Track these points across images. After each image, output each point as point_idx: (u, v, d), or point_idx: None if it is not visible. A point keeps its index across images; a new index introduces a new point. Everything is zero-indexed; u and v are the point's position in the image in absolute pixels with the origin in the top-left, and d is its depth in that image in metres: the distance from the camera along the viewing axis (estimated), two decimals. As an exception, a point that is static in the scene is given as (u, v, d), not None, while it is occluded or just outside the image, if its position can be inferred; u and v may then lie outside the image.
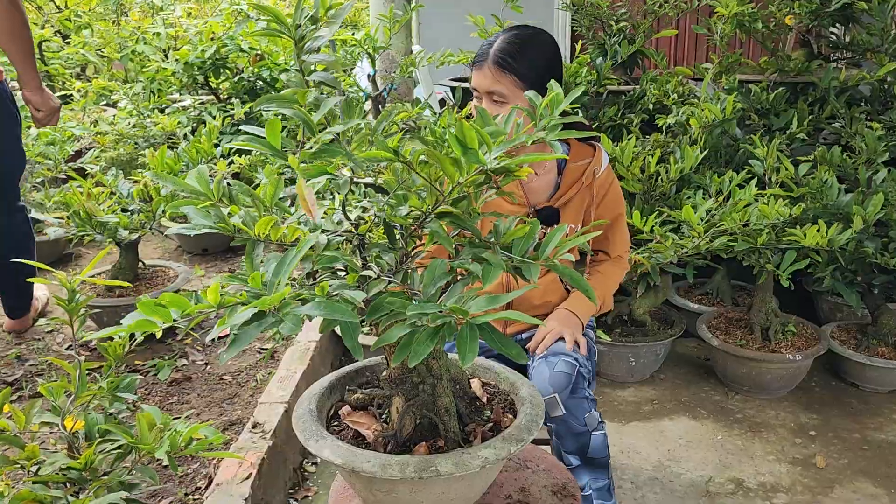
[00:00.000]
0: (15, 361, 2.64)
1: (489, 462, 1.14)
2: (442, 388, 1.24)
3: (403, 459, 1.13)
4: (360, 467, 1.12)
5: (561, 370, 1.57)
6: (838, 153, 2.68)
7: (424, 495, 1.19)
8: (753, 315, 2.67)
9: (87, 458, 1.38)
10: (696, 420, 2.48)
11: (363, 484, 1.21)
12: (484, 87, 1.66)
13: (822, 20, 3.13)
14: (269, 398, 2.21)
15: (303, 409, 1.28)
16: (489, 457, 1.14)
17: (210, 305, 0.96)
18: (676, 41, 5.83)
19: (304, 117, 1.00)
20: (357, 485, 1.24)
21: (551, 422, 1.59)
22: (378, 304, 1.02)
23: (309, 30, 1.05)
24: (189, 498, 1.90)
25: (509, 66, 1.62)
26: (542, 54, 1.68)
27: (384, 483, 1.16)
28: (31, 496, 1.29)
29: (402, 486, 1.16)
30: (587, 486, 1.61)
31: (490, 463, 1.14)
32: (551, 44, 1.72)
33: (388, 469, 1.11)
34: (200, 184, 1.08)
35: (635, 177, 2.66)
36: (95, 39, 5.06)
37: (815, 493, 2.09)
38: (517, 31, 1.69)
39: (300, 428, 1.24)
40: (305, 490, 2.13)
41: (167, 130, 4.11)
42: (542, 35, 1.72)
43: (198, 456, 1.51)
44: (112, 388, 1.56)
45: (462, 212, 1.10)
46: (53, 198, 3.36)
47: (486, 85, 1.65)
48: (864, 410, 2.54)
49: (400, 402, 1.24)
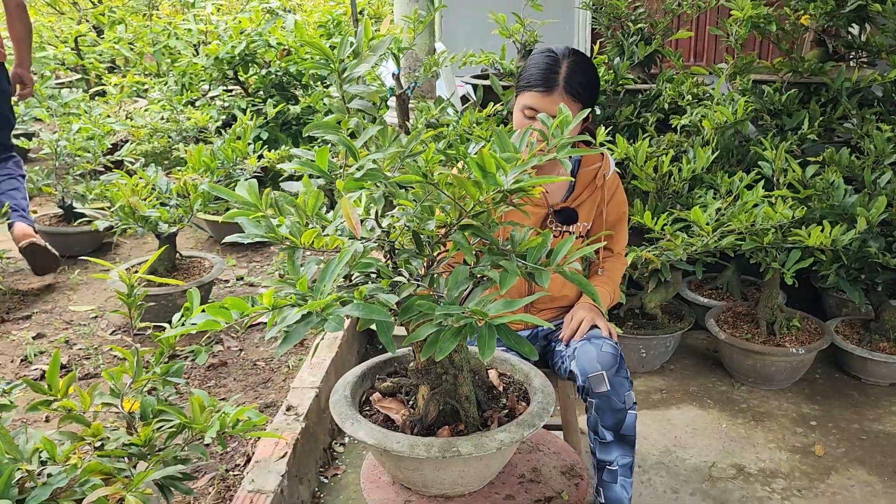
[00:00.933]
0: (64, 345, 2.84)
1: (504, 444, 1.29)
2: (463, 378, 1.40)
3: (429, 441, 1.28)
4: (391, 447, 1.27)
5: (608, 351, 1.74)
6: (846, 154, 2.77)
7: (446, 473, 1.35)
8: (760, 310, 2.79)
9: (146, 435, 1.56)
10: (703, 409, 2.61)
11: (393, 462, 1.37)
12: (550, 112, 1.71)
13: (837, 20, 3.21)
14: (300, 383, 2.38)
15: (338, 396, 1.44)
16: (504, 439, 1.30)
17: (265, 308, 1.12)
18: (696, 37, 5.89)
19: (348, 144, 1.14)
20: (387, 463, 1.40)
21: (594, 397, 1.73)
22: (409, 306, 1.17)
23: (351, 63, 1.19)
24: (229, 474, 2.07)
25: (580, 97, 1.77)
26: (596, 75, 1.84)
27: (412, 461, 1.32)
28: (99, 468, 1.46)
29: (427, 465, 1.32)
30: (615, 461, 1.76)
31: (505, 445, 1.29)
32: (594, 64, 1.86)
33: (416, 449, 1.26)
34: (251, 196, 1.24)
35: (649, 176, 2.77)
36: (129, 34, 5.23)
37: (812, 479, 2.22)
38: (579, 59, 1.79)
39: (337, 412, 1.40)
40: (335, 469, 2.30)
41: (199, 125, 4.28)
42: (592, 61, 1.85)
43: (223, 446, 1.67)
44: (166, 372, 1.72)
45: (482, 224, 1.25)
46: (94, 190, 3.55)
47: (553, 111, 1.71)
48: (864, 402, 2.66)
49: (425, 390, 1.39)
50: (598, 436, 1.78)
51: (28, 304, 3.23)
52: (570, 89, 1.75)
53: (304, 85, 5.18)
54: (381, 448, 1.29)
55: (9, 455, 1.43)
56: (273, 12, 5.06)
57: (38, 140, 3.83)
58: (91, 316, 3.12)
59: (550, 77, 1.76)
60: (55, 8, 5.76)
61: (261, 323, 3.06)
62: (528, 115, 1.78)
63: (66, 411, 1.59)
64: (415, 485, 1.41)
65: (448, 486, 1.39)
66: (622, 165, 2.82)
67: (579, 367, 1.76)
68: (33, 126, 4.99)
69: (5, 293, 3.32)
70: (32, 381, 1.62)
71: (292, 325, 1.09)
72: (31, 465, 1.44)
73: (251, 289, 3.43)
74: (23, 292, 3.35)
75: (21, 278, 3.51)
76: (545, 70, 1.77)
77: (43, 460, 1.47)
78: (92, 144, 3.84)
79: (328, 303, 1.07)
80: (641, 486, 2.19)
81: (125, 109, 4.84)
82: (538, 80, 1.77)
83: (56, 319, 3.06)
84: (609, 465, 1.78)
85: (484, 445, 1.28)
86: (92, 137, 3.83)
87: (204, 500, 1.98)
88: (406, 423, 1.40)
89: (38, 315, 3.10)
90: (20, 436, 1.51)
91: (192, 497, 1.98)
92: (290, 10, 5.41)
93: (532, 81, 1.78)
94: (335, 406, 1.41)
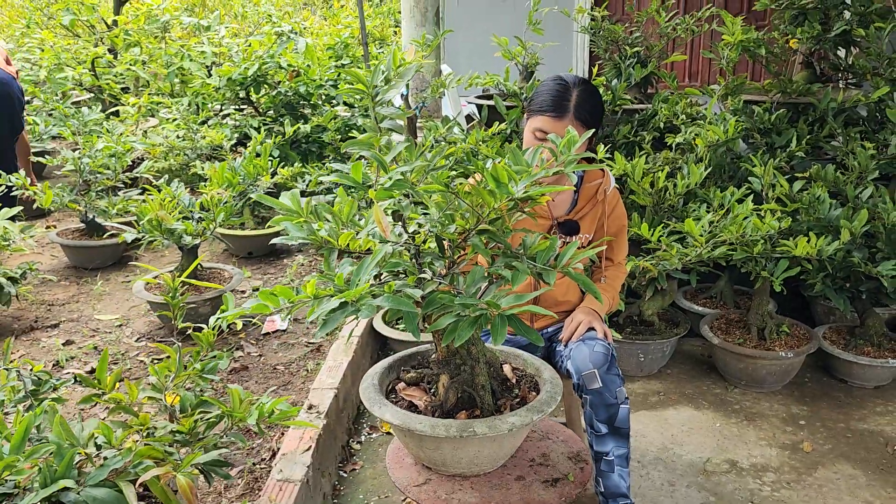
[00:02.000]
0: (92, 351, 2.99)
1: (515, 426, 1.45)
2: (479, 369, 1.56)
3: (448, 422, 1.44)
4: (414, 427, 1.43)
5: (599, 351, 1.90)
6: (832, 171, 2.95)
7: (463, 452, 1.50)
8: (751, 317, 2.95)
9: (190, 424, 1.71)
10: (698, 410, 2.77)
11: (415, 442, 1.52)
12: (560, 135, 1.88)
13: (824, 44, 3.40)
14: (320, 384, 2.54)
15: (367, 384, 1.61)
16: (515, 422, 1.46)
17: (307, 296, 1.28)
18: (690, 59, 6.09)
19: (380, 159, 1.31)
20: (410, 444, 1.56)
21: (588, 394, 1.89)
22: (431, 299, 1.33)
23: (383, 88, 1.36)
24: (256, 467, 2.22)
25: (587, 123, 1.92)
26: (603, 108, 2.01)
27: (432, 441, 1.48)
28: (150, 452, 1.61)
29: (446, 444, 1.48)
30: (611, 452, 1.91)
31: (516, 427, 1.45)
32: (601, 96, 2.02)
33: (436, 429, 1.42)
34: (294, 203, 1.40)
35: (646, 191, 2.95)
36: (144, 56, 5.43)
37: (800, 473, 2.37)
38: (588, 89, 1.95)
39: (366, 397, 1.56)
40: (353, 464, 2.44)
41: (214, 142, 4.46)
42: (598, 90, 2.00)
43: (261, 433, 1.82)
44: (203, 368, 1.88)
45: (497, 229, 1.41)
46: (116, 205, 3.72)
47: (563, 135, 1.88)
48: (850, 403, 2.81)
49: (446, 379, 1.55)
50: (594, 429, 1.93)
51: (55, 313, 3.38)
52: (579, 115, 1.91)
53: (313, 105, 5.38)
54: (406, 428, 1.45)
55: (68, 441, 1.58)
56: (284, 35, 5.26)
57: (62, 158, 4.00)
58: (116, 324, 3.27)
59: (562, 104, 1.91)
60: (71, 31, 5.96)
61: (279, 331, 3.22)
62: (538, 137, 1.93)
63: (115, 403, 1.75)
64: (435, 464, 1.56)
65: (465, 466, 1.54)
66: (620, 181, 2.99)
67: (574, 366, 1.92)
68: (50, 144, 5.18)
69: (32, 303, 3.48)
70: (84, 375, 1.78)
71: (330, 312, 1.25)
72: (87, 449, 1.60)
73: (267, 299, 3.58)
74: (49, 302, 3.50)
75: (47, 289, 3.67)
76: (556, 97, 1.92)
77: (98, 445, 1.63)
78: (113, 161, 4.02)
79: (361, 293, 1.23)
80: (640, 480, 2.34)
81: (141, 128, 5.02)
82: (550, 105, 1.92)
83: (83, 327, 3.21)
84: (605, 455, 1.93)
85: (497, 427, 1.44)
86: (113, 155, 4.01)
87: (234, 490, 2.12)
88: (427, 408, 1.56)
89: (66, 323, 3.26)
90: (75, 425, 1.67)
91: (223, 486, 2.12)
92: (299, 33, 5.62)
93: (544, 107, 1.93)
94: (365, 392, 1.57)
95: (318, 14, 9.88)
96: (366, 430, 2.67)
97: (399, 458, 1.67)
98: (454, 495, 1.53)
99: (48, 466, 1.47)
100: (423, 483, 1.57)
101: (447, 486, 1.55)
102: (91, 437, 1.63)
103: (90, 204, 3.90)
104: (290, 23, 5.56)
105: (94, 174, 3.96)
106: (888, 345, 2.91)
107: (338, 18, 6.67)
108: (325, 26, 7.19)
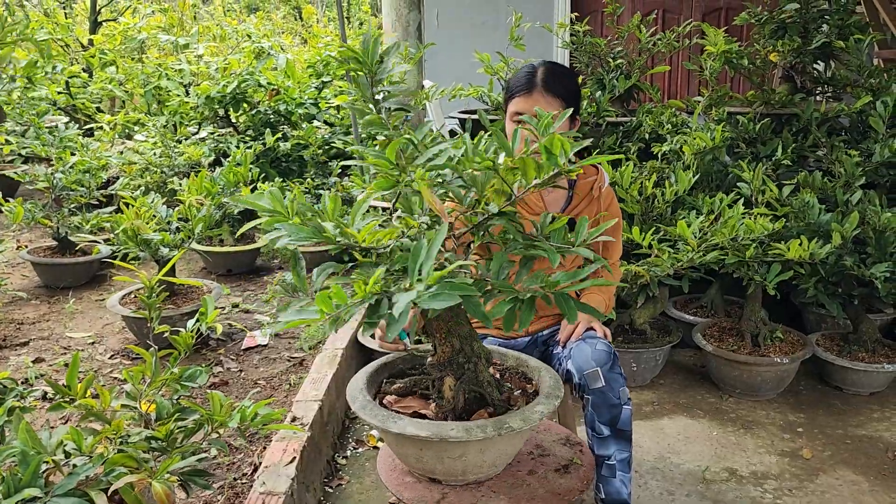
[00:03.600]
0: (63, 368, 2.85)
1: (544, 414, 1.37)
2: (482, 366, 1.48)
3: (482, 423, 1.34)
4: (448, 435, 1.31)
5: (601, 349, 1.83)
6: (819, 177, 2.94)
7: (489, 454, 1.40)
8: (744, 323, 2.90)
9: (168, 430, 1.60)
10: (693, 419, 2.70)
11: (434, 453, 1.39)
12: (533, 112, 1.89)
13: (804, 57, 3.42)
14: (304, 396, 2.43)
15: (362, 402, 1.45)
16: (543, 410, 1.38)
17: (361, 298, 1.15)
18: (670, 75, 6.15)
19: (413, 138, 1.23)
20: (425, 456, 1.40)
21: (590, 394, 1.81)
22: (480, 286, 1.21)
23: (381, 66, 1.29)
24: (237, 482, 2.11)
25: (557, 91, 1.92)
26: (574, 81, 2.00)
27: (459, 447, 1.35)
28: (124, 459, 1.50)
29: (474, 448, 1.36)
30: (613, 456, 1.83)
31: (544, 415, 1.38)
32: (575, 73, 2.01)
33: (472, 432, 1.31)
34: (275, 204, 1.26)
35: (634, 199, 2.91)
36: (121, 76, 5.34)
37: (802, 480, 2.30)
38: (552, 64, 1.98)
39: (373, 415, 1.40)
40: (338, 479, 2.33)
41: (192, 160, 4.37)
42: (567, 67, 2.00)
43: (243, 437, 1.71)
44: (181, 375, 1.77)
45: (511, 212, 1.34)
46: (90, 222, 3.61)
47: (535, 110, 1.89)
48: (846, 410, 2.76)
49: (451, 381, 1.45)
50: (595, 431, 1.85)
51: (24, 331, 3.24)
52: (546, 87, 1.91)
53: (293, 123, 5.31)
54: (438, 437, 1.31)
55: (33, 448, 1.47)
56: (264, 52, 5.22)
57: (32, 174, 3.88)
58: (88, 342, 3.14)
59: (529, 81, 1.93)
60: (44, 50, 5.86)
61: (259, 346, 3.11)
62: (515, 121, 1.94)
63: (86, 409, 1.63)
64: (453, 474, 1.43)
65: (486, 469, 1.43)
66: (609, 188, 2.95)
67: (575, 365, 1.84)
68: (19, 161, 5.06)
69: (1, 322, 3.33)
70: (53, 381, 1.67)
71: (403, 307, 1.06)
72: (56, 456, 1.48)
73: (247, 315, 3.48)
74: (18, 321, 3.36)
75: (16, 308, 3.53)
76: (524, 77, 1.95)
77: (68, 452, 1.52)
78: (87, 178, 3.91)
79: (437, 279, 1.08)
80: (638, 490, 2.25)
81: (117, 148, 4.92)
82: (519, 85, 1.94)
83: (54, 345, 3.08)
84: (607, 459, 1.85)
85: (530, 418, 1.35)
86: (87, 171, 3.90)
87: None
88: (438, 414, 1.45)
89: (36, 342, 3.12)
90: (43, 432, 1.55)
91: (202, 503, 2.00)
92: (279, 51, 5.57)
93: (514, 89, 1.95)
94: (369, 412, 1.41)
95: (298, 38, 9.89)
96: (351, 444, 2.56)
97: (399, 478, 1.53)
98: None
99: (12, 475, 1.37)
100: (441, 499, 1.44)
101: (468, 497, 1.43)
102: (60, 444, 1.52)
103: (62, 220, 3.78)
104: (270, 41, 5.51)
105: (66, 190, 3.84)
106: (882, 350, 2.88)
107: (317, 38, 6.65)
108: (304, 51, 7.16)
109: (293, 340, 3.15)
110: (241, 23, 7.11)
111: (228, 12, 10.57)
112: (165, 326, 1.82)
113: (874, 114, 3.08)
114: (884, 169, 3.01)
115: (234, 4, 12.23)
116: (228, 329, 3.22)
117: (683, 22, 3.77)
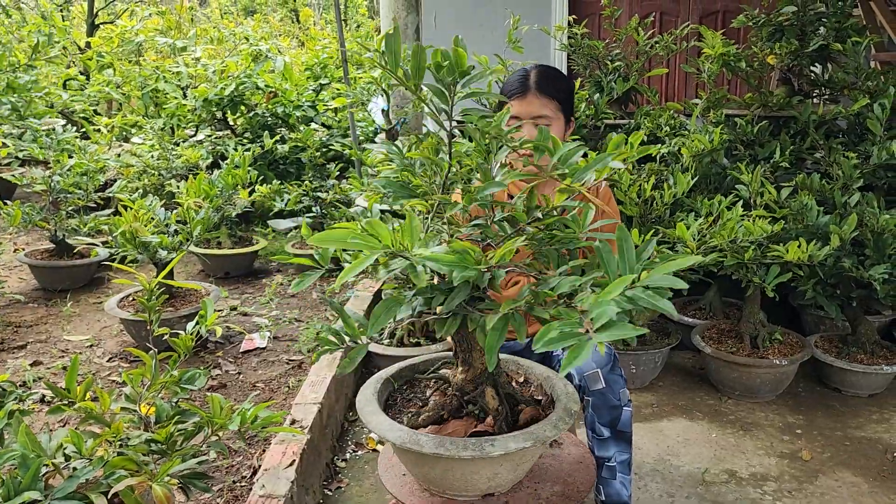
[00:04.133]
0: (61, 371, 2.84)
1: (572, 419, 1.39)
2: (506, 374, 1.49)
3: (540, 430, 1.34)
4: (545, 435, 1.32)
5: (602, 350, 1.81)
6: (817, 179, 2.94)
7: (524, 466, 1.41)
8: (743, 325, 2.90)
9: (167, 432, 1.60)
10: (693, 421, 2.70)
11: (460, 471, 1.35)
12: (529, 114, 1.93)
13: (801, 59, 3.43)
14: (303, 399, 2.42)
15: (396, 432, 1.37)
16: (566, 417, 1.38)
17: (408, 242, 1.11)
18: (668, 78, 6.16)
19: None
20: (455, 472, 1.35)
21: (590, 395, 1.81)
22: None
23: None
24: (236, 485, 2.10)
25: (551, 93, 1.93)
26: (569, 84, 2.02)
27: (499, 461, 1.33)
28: (124, 462, 1.50)
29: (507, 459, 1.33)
30: (613, 458, 1.83)
31: (572, 419, 1.39)
32: (568, 76, 2.04)
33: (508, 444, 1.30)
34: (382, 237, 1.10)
35: (633, 201, 2.91)
36: (118, 78, 5.34)
37: (801, 482, 2.30)
38: (544, 67, 2.00)
39: (419, 444, 1.32)
40: (338, 482, 2.33)
41: (190, 162, 4.37)
42: (559, 70, 2.03)
43: (243, 439, 1.70)
44: (181, 377, 1.77)
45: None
46: (88, 224, 3.60)
47: (531, 111, 1.93)
48: (845, 412, 2.76)
49: (492, 390, 1.44)
50: (595, 433, 1.85)
51: (22, 335, 3.23)
52: (540, 89, 1.93)
53: (291, 125, 5.31)
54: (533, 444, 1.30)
55: (33, 451, 1.46)
56: (262, 55, 5.21)
57: (30, 177, 3.87)
58: (86, 345, 3.13)
59: (523, 83, 1.94)
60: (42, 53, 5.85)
61: (258, 348, 3.10)
62: (511, 125, 1.93)
63: (86, 412, 1.63)
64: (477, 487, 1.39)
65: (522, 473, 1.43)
66: (607, 190, 2.95)
67: (575, 366, 1.84)
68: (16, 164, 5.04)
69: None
70: (53, 384, 1.67)
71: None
72: (56, 459, 1.48)
73: (246, 317, 3.47)
74: (16, 324, 3.35)
75: (14, 311, 3.52)
76: (518, 80, 1.96)
77: (68, 455, 1.51)
78: (84, 180, 3.90)
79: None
80: (638, 492, 2.25)
81: (114, 151, 4.91)
82: (513, 89, 1.95)
83: (52, 348, 3.07)
84: (608, 461, 1.85)
85: (558, 427, 1.35)
86: (85, 173, 3.89)
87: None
88: (495, 427, 1.40)
89: (34, 345, 3.11)
90: (43, 435, 1.55)
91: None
92: (277, 53, 5.57)
93: (508, 93, 1.96)
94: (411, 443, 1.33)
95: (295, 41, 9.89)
96: (351, 447, 2.55)
97: (412, 492, 1.51)
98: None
99: (12, 478, 1.36)
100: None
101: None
102: (60, 448, 1.52)
103: (60, 223, 3.78)
104: (268, 44, 5.51)
105: (64, 193, 3.84)
106: (881, 352, 2.88)
107: (315, 41, 6.65)
108: (301, 53, 7.15)
109: (291, 343, 3.15)
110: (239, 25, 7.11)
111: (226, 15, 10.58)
112: (165, 329, 1.81)
113: (871, 116, 3.08)
114: (881, 171, 3.02)
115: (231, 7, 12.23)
116: (227, 332, 3.22)
117: (681, 24, 3.77)
